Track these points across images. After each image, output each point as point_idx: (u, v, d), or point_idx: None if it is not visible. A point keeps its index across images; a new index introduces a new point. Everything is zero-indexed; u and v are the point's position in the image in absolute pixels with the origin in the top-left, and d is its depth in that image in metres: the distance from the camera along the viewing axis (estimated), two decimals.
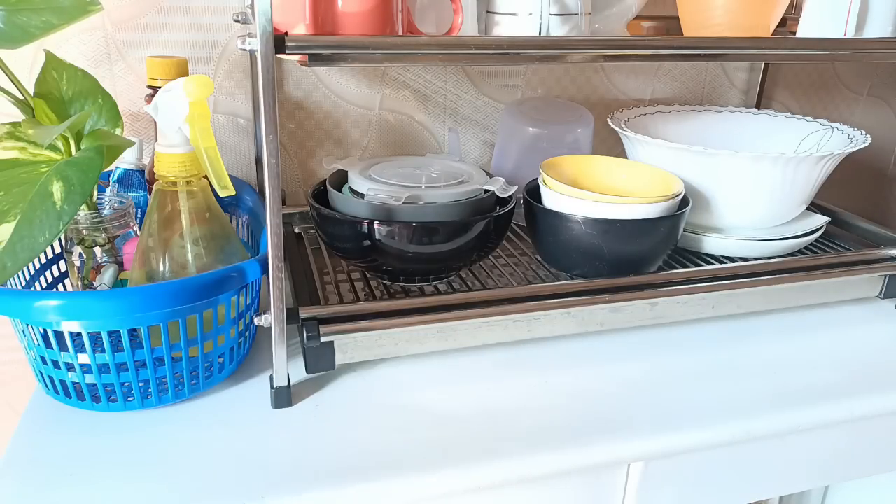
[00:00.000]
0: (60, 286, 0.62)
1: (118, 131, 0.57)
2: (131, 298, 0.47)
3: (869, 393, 0.59)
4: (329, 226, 0.62)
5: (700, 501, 0.59)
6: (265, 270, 0.53)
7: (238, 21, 0.72)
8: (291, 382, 0.55)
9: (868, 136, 0.71)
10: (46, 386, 0.53)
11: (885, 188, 1.11)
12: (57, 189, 0.49)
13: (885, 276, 0.71)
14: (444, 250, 0.61)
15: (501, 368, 0.61)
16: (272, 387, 0.54)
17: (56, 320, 0.47)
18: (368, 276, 0.67)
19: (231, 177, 0.66)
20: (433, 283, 0.66)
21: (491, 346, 0.63)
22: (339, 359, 0.57)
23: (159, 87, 0.61)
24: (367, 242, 0.60)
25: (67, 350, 0.49)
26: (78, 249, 0.57)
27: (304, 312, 0.55)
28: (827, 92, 1.03)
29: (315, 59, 0.47)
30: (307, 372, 0.57)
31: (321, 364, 0.56)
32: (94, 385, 0.51)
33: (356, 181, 0.64)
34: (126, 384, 0.51)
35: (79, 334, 0.48)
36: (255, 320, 0.52)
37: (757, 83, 0.97)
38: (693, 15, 0.66)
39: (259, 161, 0.80)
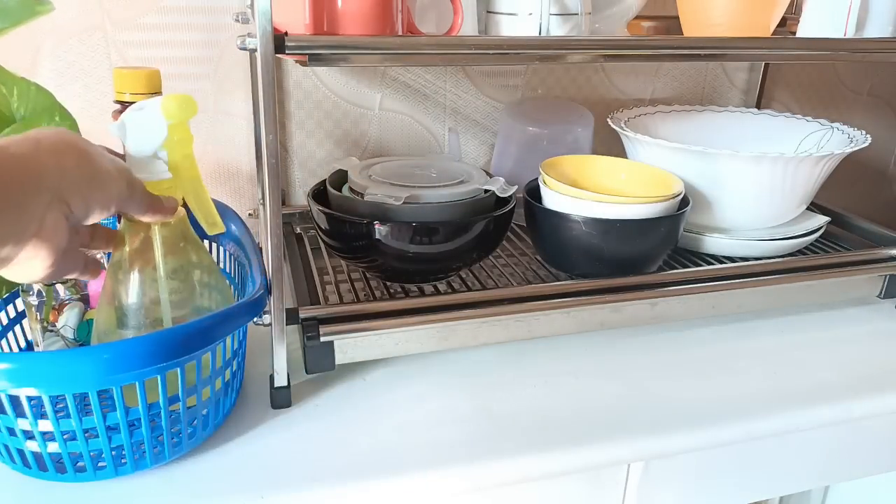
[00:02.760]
0: (18, 329, 0.56)
1: None
2: (96, 359, 0.41)
3: (869, 393, 0.59)
4: (329, 226, 0.62)
5: (700, 501, 0.59)
6: (255, 312, 0.49)
7: (238, 21, 0.72)
8: (291, 383, 0.54)
9: (868, 136, 0.71)
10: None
11: (886, 188, 1.11)
12: None
13: (886, 276, 0.71)
14: (444, 250, 0.61)
15: (501, 368, 0.61)
16: (272, 387, 0.54)
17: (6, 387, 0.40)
18: (368, 276, 0.67)
19: (213, 201, 0.65)
20: (433, 283, 0.66)
21: (491, 346, 0.63)
22: (339, 359, 0.56)
23: (128, 102, 0.54)
24: (367, 242, 0.60)
25: (25, 416, 0.43)
26: (36, 287, 0.51)
27: (304, 312, 0.55)
28: (827, 92, 1.03)
29: (315, 59, 0.47)
30: (307, 372, 0.57)
31: (321, 364, 0.56)
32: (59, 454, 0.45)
33: (356, 181, 0.64)
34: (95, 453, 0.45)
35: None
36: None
37: (757, 83, 0.97)
38: (693, 15, 0.66)
39: (259, 161, 0.80)
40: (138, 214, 0.45)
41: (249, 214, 0.82)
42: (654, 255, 0.65)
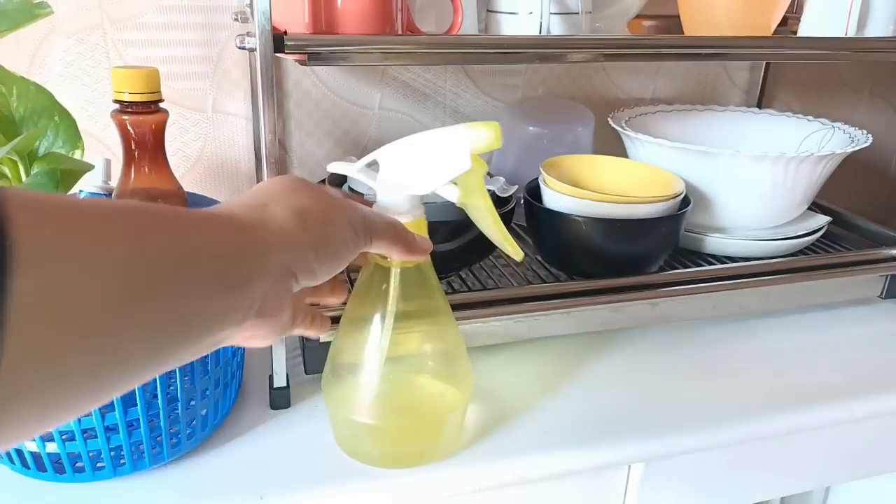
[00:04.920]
0: None
1: (77, 154, 0.50)
2: None
3: (870, 393, 0.59)
4: None
5: (701, 502, 0.59)
6: None
7: (237, 20, 0.72)
8: (290, 383, 0.54)
9: (869, 135, 0.71)
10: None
11: (887, 188, 1.11)
12: None
13: (887, 276, 0.71)
14: (444, 250, 0.60)
15: (501, 369, 0.60)
16: (271, 388, 0.54)
17: None
18: None
19: (213, 200, 0.64)
20: None
21: (491, 347, 0.63)
22: None
23: (126, 101, 0.51)
24: None
25: None
26: None
27: None
28: (828, 91, 1.02)
29: (314, 58, 0.47)
30: (306, 373, 0.56)
31: (320, 365, 0.56)
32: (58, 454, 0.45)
33: (355, 181, 0.63)
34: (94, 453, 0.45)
35: None
36: None
37: (758, 82, 0.96)
38: (694, 14, 0.65)
39: (258, 160, 0.80)
40: (387, 252, 0.41)
41: None
42: (654, 255, 0.65)
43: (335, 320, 0.48)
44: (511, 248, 0.47)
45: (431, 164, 0.42)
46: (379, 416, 0.47)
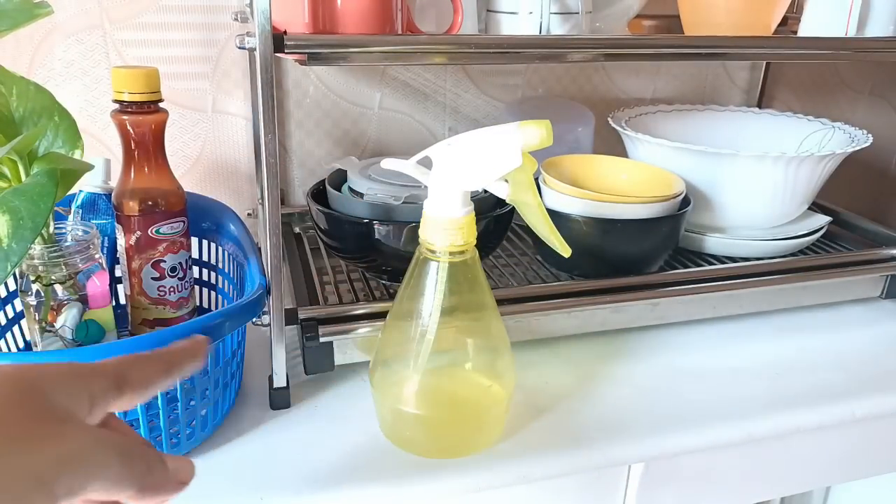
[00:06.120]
0: (15, 329, 0.56)
1: (77, 154, 0.49)
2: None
3: (870, 393, 0.59)
4: (328, 226, 0.62)
5: (701, 502, 0.59)
6: (254, 313, 0.49)
7: (237, 20, 0.72)
8: (290, 383, 0.54)
9: (869, 135, 0.71)
10: None
11: (887, 188, 1.11)
12: (2, 224, 0.42)
13: (887, 276, 0.71)
14: None
15: None
16: (271, 388, 0.54)
17: None
18: (368, 276, 0.67)
19: (213, 200, 0.65)
20: None
21: None
22: (339, 360, 0.56)
23: (126, 101, 0.51)
24: (367, 242, 0.59)
25: None
26: (35, 287, 0.50)
27: (304, 313, 0.55)
28: (828, 91, 1.02)
29: (314, 59, 0.47)
30: (306, 373, 0.56)
31: (320, 365, 0.56)
32: None
33: (355, 181, 0.63)
34: None
35: None
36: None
37: (758, 82, 0.96)
38: (694, 14, 0.65)
39: (258, 160, 0.79)
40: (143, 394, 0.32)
41: (248, 214, 0.81)
42: (655, 255, 0.65)
43: (381, 314, 0.49)
44: (559, 243, 0.48)
45: (483, 161, 0.43)
46: (423, 406, 0.48)
